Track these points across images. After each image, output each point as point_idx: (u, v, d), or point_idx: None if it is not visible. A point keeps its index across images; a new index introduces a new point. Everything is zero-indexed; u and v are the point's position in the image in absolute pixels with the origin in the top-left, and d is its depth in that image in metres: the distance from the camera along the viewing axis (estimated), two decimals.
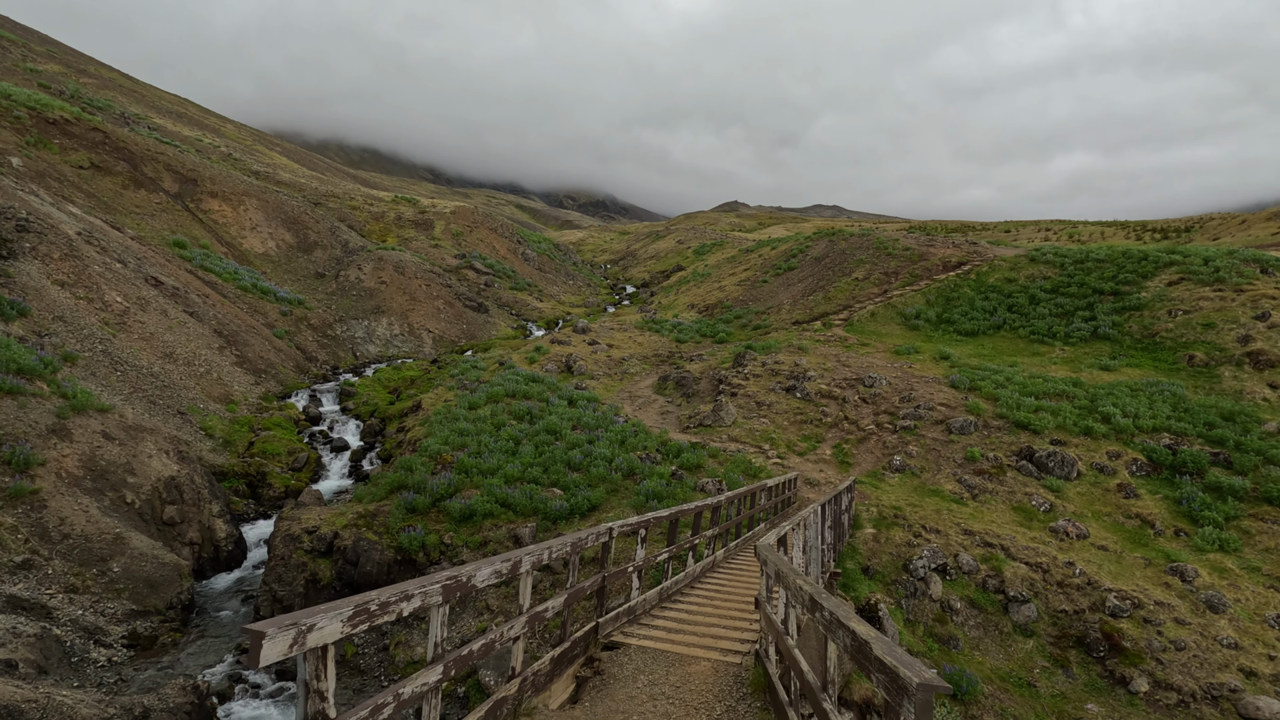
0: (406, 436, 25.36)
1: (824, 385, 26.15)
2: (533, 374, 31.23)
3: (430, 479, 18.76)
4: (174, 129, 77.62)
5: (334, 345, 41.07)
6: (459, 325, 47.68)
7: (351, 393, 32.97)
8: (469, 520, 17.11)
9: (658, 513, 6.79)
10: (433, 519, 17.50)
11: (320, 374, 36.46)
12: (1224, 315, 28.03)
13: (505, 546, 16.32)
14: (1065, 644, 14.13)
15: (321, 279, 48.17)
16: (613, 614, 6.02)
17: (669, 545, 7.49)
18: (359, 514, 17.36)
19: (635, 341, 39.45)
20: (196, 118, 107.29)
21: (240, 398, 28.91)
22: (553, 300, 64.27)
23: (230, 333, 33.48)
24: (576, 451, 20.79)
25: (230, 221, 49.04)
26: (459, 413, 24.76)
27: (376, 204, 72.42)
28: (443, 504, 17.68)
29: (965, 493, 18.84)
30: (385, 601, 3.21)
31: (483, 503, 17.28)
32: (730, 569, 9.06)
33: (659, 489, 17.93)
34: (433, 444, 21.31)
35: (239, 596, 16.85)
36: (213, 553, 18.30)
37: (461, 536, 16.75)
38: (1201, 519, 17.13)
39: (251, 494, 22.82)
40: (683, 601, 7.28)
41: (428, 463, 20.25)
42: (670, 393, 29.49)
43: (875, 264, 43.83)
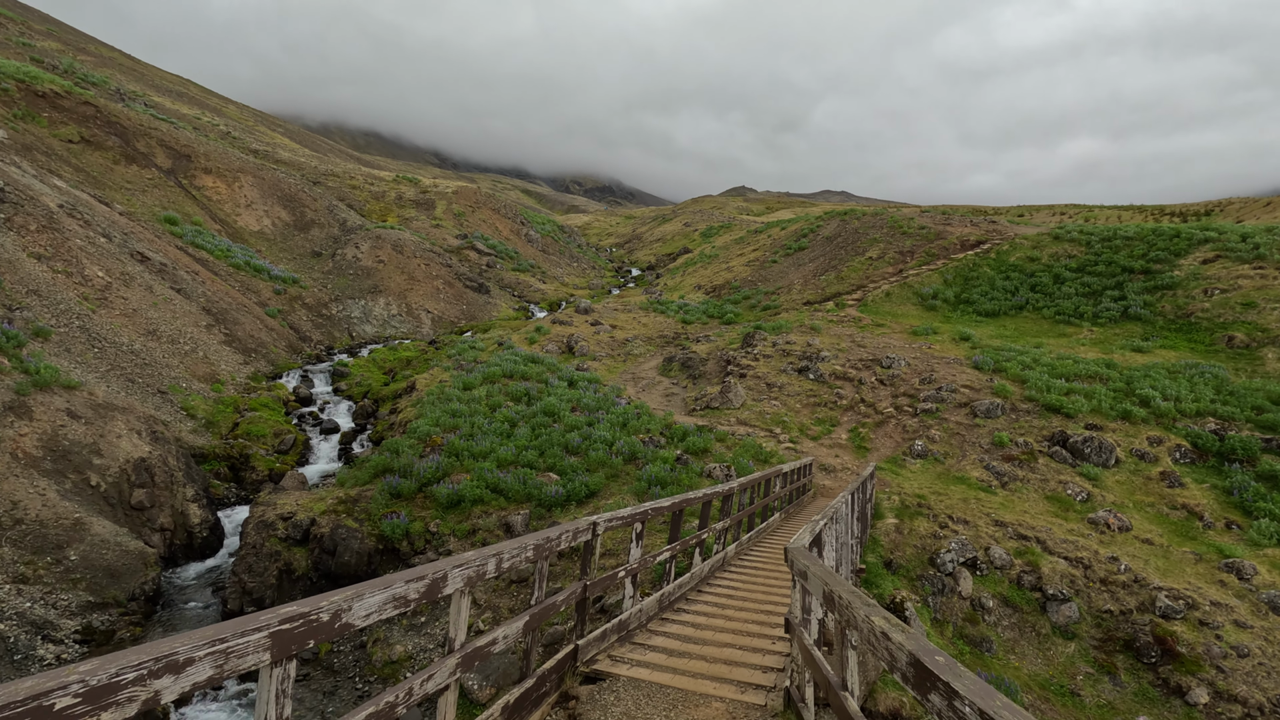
0: (398, 418, 24.12)
1: (838, 366, 24.70)
2: (532, 354, 29.91)
3: (418, 462, 17.49)
4: (172, 107, 76.19)
5: (329, 325, 39.83)
6: (459, 306, 46.36)
7: (345, 373, 31.74)
8: (457, 507, 15.84)
9: (658, 503, 5.47)
10: (419, 505, 16.24)
11: (314, 354, 35.25)
12: (1266, 294, 26.36)
13: (496, 535, 15.06)
14: (1111, 648, 12.77)
15: (318, 258, 46.87)
16: (598, 632, 4.69)
17: (671, 542, 6.18)
18: (340, 499, 16.12)
19: (639, 322, 38.04)
20: (198, 98, 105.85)
21: (227, 377, 27.70)
22: (556, 282, 62.83)
23: (219, 310, 32.25)
24: (575, 434, 19.47)
25: (224, 198, 47.72)
26: (452, 393, 23.47)
27: (377, 183, 70.96)
28: (430, 489, 16.41)
29: (994, 480, 17.44)
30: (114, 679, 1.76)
31: (472, 488, 15.99)
32: (743, 568, 7.78)
33: (662, 475, 16.60)
34: (422, 426, 20.03)
35: (210, 587, 15.66)
36: (186, 539, 17.12)
37: (449, 524, 15.48)
38: (1256, 510, 15.68)
39: (233, 477, 21.63)
40: (688, 611, 5.98)
41: (416, 445, 18.98)
42: (676, 374, 28.11)
43: (889, 243, 42.16)
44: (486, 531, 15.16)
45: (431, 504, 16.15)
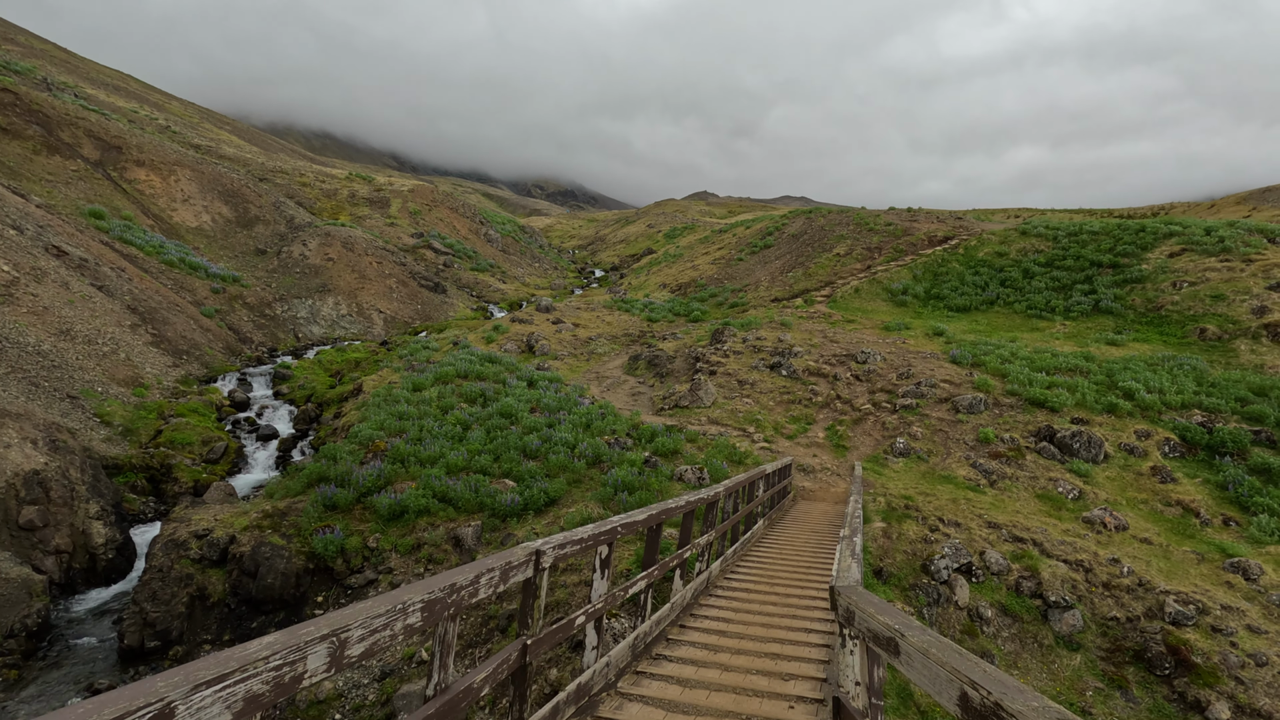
0: (341, 423, 22.19)
1: (812, 362, 23.60)
2: (489, 354, 28.18)
3: (357, 470, 15.70)
4: (107, 100, 72.09)
5: (273, 326, 37.36)
6: (413, 305, 44.22)
7: (287, 376, 29.52)
8: (400, 518, 14.12)
9: (630, 516, 4.08)
10: (356, 517, 14.47)
11: (254, 356, 32.87)
12: (1234, 286, 26.18)
13: (443, 550, 13.40)
14: (1120, 659, 11.74)
15: (262, 256, 44.23)
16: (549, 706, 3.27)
17: (647, 565, 4.75)
18: (265, 513, 14.24)
19: (604, 321, 36.55)
20: (139, 93, 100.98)
21: (152, 381, 25.33)
22: (517, 282, 60.94)
23: (147, 310, 29.72)
24: (534, 437, 17.89)
25: (159, 192, 44.74)
26: (400, 395, 21.65)
27: (329, 181, 68.11)
28: (370, 499, 14.66)
29: (982, 479, 16.42)
30: None
31: (417, 497, 14.30)
32: (733, 590, 6.42)
33: (630, 479, 15.14)
34: (364, 429, 18.21)
35: (111, 617, 13.63)
36: (87, 562, 15.01)
37: (390, 538, 13.76)
38: (1253, 506, 14.94)
39: (153, 490, 19.46)
40: (670, 658, 4.56)
41: (357, 451, 17.16)
42: (642, 373, 26.70)
43: (857, 239, 41.52)
44: (433, 546, 13.49)
45: (371, 516, 14.40)
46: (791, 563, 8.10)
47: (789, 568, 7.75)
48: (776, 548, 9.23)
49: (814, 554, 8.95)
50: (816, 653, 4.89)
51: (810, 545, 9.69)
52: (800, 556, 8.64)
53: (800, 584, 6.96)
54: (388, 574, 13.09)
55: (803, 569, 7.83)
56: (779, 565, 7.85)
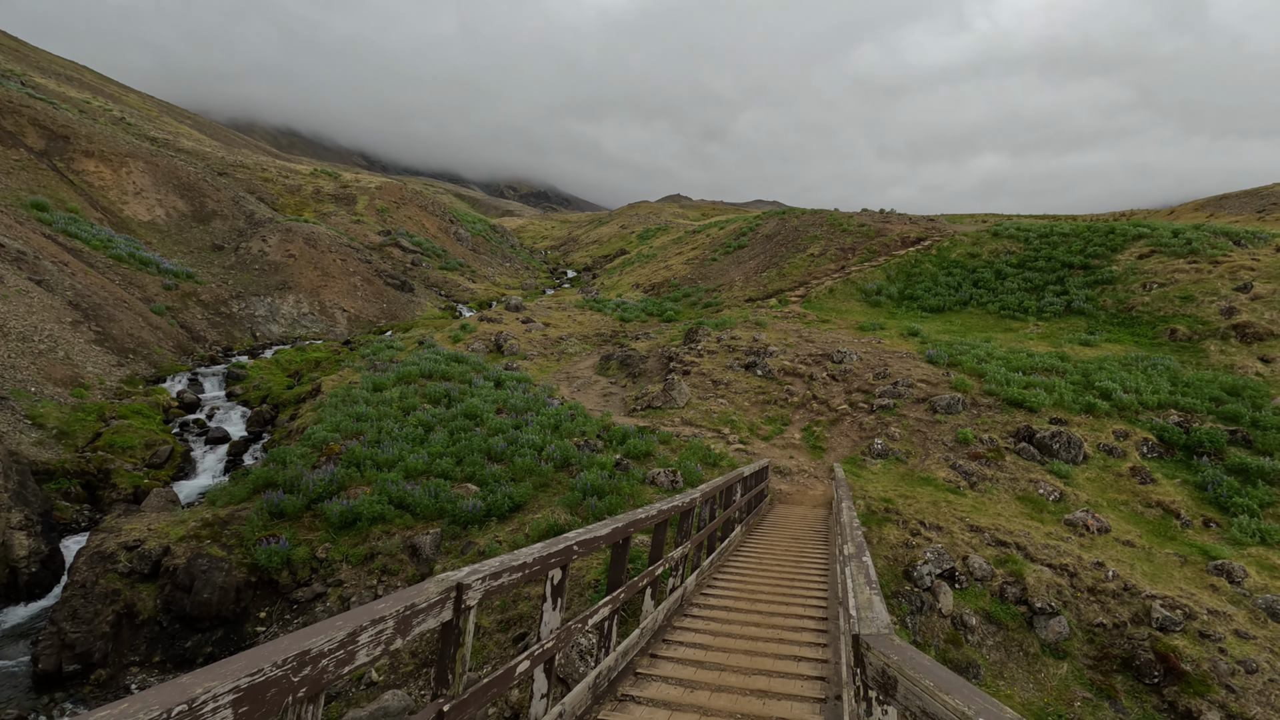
0: (296, 424, 21.06)
1: (787, 362, 23.09)
2: (456, 353, 27.19)
3: (308, 474, 14.70)
4: (58, 89, 69.26)
5: (229, 324, 35.81)
6: (378, 304, 42.89)
7: (241, 376, 28.18)
8: (352, 526, 13.19)
9: (588, 531, 3.39)
10: (306, 526, 13.49)
11: (207, 356, 31.39)
12: (1202, 287, 26.36)
13: (398, 560, 12.50)
14: (1108, 667, 11.31)
15: (219, 251, 42.52)
16: None
17: (612, 588, 4.00)
18: (205, 522, 13.19)
19: (575, 320, 35.73)
20: (94, 84, 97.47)
21: (94, 381, 23.87)
22: (487, 282, 59.76)
23: (91, 306, 28.14)
24: (499, 439, 17.04)
25: (109, 185, 42.79)
26: (360, 395, 20.61)
27: (292, 176, 66.19)
28: (321, 505, 13.68)
29: (962, 480, 16.00)
30: None
31: (371, 503, 13.37)
32: (710, 607, 5.71)
33: (599, 483, 14.39)
34: (319, 432, 17.18)
35: (31, 638, 12.45)
36: (7, 576, 13.77)
37: (341, 548, 12.81)
38: (1232, 507, 14.73)
39: (88, 497, 18.14)
40: (638, 699, 3.81)
41: (309, 454, 16.14)
42: (614, 373, 25.96)
43: (830, 240, 41.31)
44: (387, 556, 12.58)
45: (322, 524, 13.43)
46: (773, 575, 7.45)
47: (771, 581, 7.10)
48: (756, 557, 8.57)
49: (797, 564, 8.31)
50: (810, 688, 4.22)
51: (792, 554, 9.06)
52: (782, 567, 7.99)
53: (784, 599, 6.30)
54: (337, 586, 12.16)
55: (785, 581, 7.18)
56: (760, 578, 7.19)
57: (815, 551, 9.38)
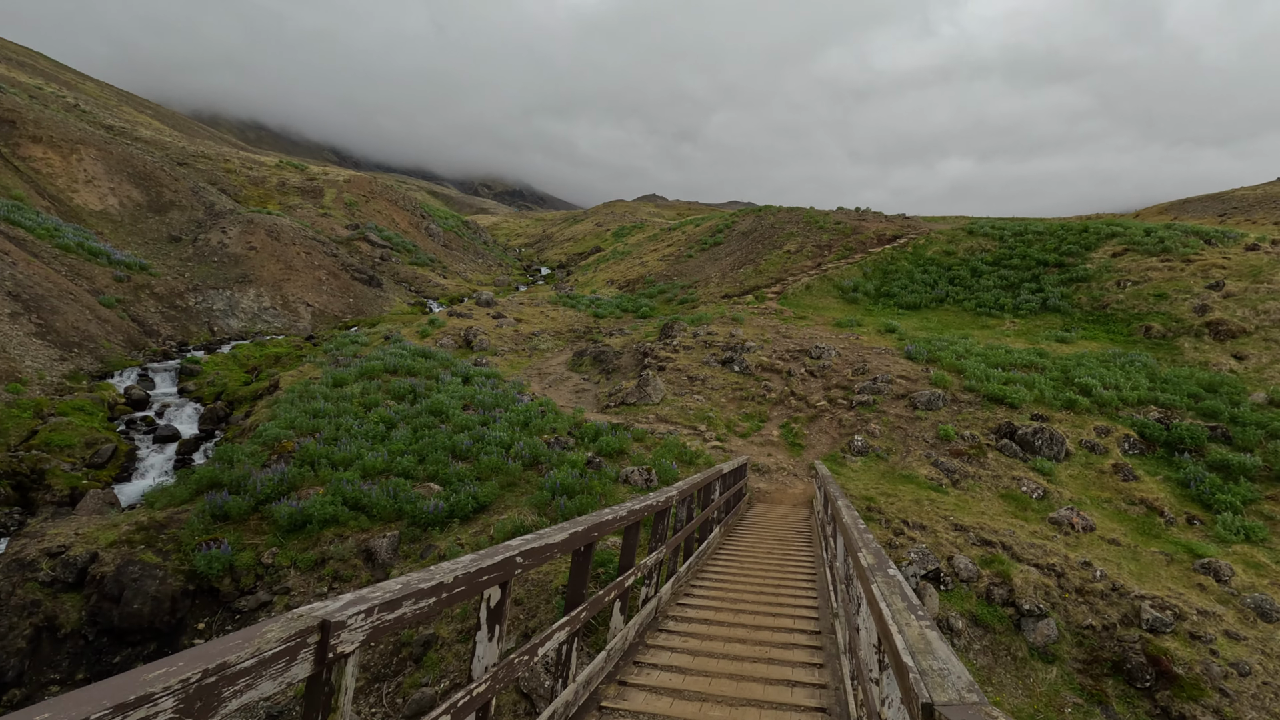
0: (250, 421, 19.97)
1: (765, 358, 22.56)
2: (423, 349, 26.21)
3: (257, 474, 13.73)
4: (8, 74, 66.42)
5: (184, 318, 34.28)
6: (344, 299, 41.56)
7: (195, 371, 26.87)
8: (302, 529, 12.27)
9: (539, 538, 2.72)
10: (252, 529, 12.53)
11: (160, 350, 29.93)
12: (1175, 285, 26.44)
13: (351, 565, 11.62)
14: (1098, 671, 10.88)
15: (176, 243, 40.81)
16: None
17: (572, 606, 3.28)
18: (139, 525, 12.17)
19: (548, 316, 34.89)
20: (49, 71, 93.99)
21: (33, 376, 22.47)
22: (458, 278, 58.52)
23: (33, 297, 26.59)
24: (465, 436, 16.20)
25: (58, 172, 40.84)
26: (319, 390, 19.59)
27: (257, 168, 64.24)
28: (269, 507, 12.73)
29: (944, 478, 15.56)
30: None
31: (324, 504, 12.47)
32: (688, 620, 5.00)
33: (570, 482, 13.65)
34: (271, 428, 16.17)
35: None
36: None
37: (290, 553, 11.89)
38: (1215, 504, 14.48)
39: (20, 500, 16.88)
40: None
41: (260, 452, 15.14)
42: (587, 369, 25.21)
43: (807, 237, 41.01)
44: (340, 561, 11.70)
45: (270, 527, 12.50)
46: (756, 581, 6.79)
47: (754, 588, 6.44)
48: (736, 561, 7.91)
49: (781, 569, 7.67)
50: None
51: (775, 557, 8.42)
52: (765, 572, 7.35)
53: (771, 609, 5.65)
54: (284, 595, 11.24)
55: (770, 588, 6.52)
56: (742, 585, 6.54)
57: (800, 554, 8.76)
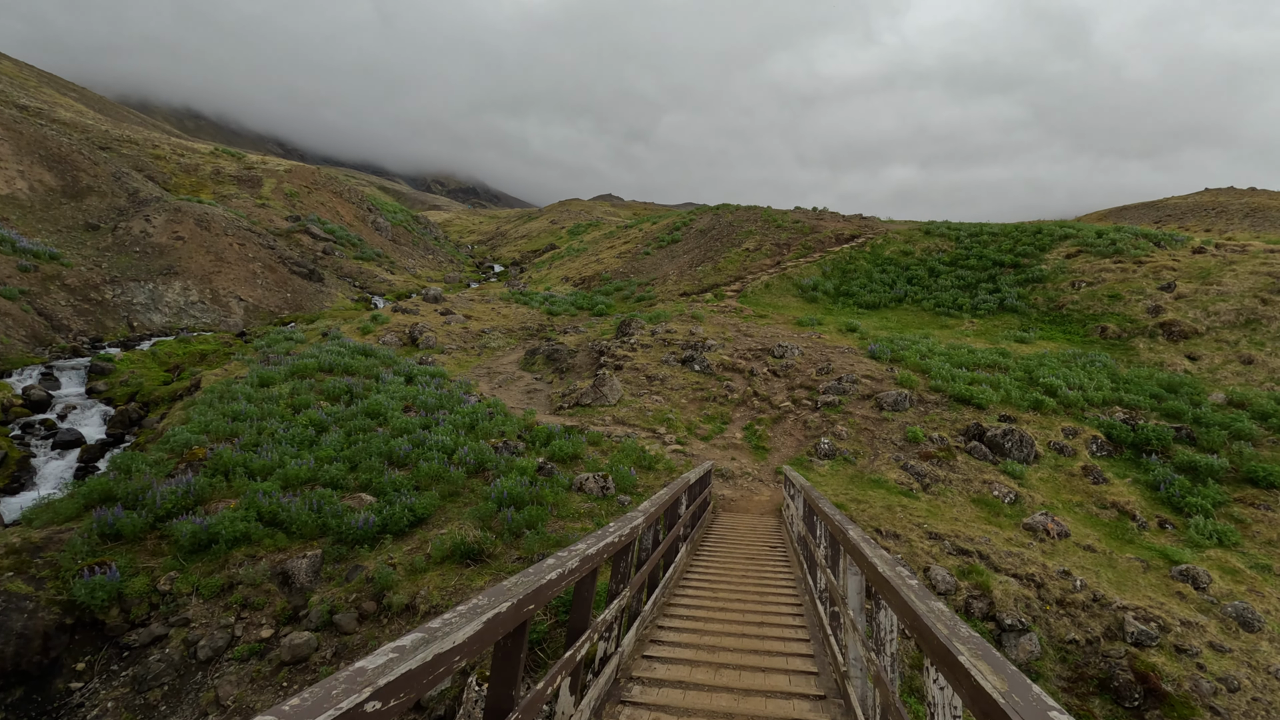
0: (165, 424, 18.05)
1: (726, 356, 21.66)
2: (364, 346, 24.49)
3: (159, 486, 12.07)
4: None
5: (100, 312, 31.58)
6: (282, 294, 39.16)
7: (107, 370, 24.55)
8: (207, 549, 10.72)
9: (424, 646, 1.46)
10: (149, 550, 10.92)
11: (69, 347, 27.36)
12: (1128, 286, 26.64)
13: (263, 591, 10.16)
14: (1084, 689, 10.22)
15: (94, 231, 37.77)
16: None
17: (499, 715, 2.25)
18: (10, 548, 10.44)
19: (499, 314, 33.38)
20: None
21: None
22: (407, 274, 56.26)
23: None
24: (404, 440, 14.77)
25: None
26: (241, 391, 17.82)
27: (189, 155, 60.65)
28: (169, 524, 11.13)
29: (914, 482, 14.87)
30: None
31: (234, 520, 10.94)
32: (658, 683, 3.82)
33: (518, 491, 12.41)
34: (182, 433, 14.44)
35: None
36: None
37: (191, 577, 10.34)
38: (1186, 507, 14.14)
39: None
40: None
41: (166, 460, 13.44)
42: (540, 368, 23.91)
43: (765, 235, 40.48)
44: (250, 586, 10.21)
45: (170, 547, 10.91)
46: (734, 617, 5.72)
47: (734, 627, 5.36)
48: (709, 588, 6.83)
49: (760, 597, 6.61)
50: None
51: (751, 581, 7.38)
52: (743, 603, 6.28)
53: (757, 657, 4.55)
54: (182, 627, 9.71)
55: (754, 627, 5.43)
56: (718, 623, 5.45)
57: (778, 577, 7.75)
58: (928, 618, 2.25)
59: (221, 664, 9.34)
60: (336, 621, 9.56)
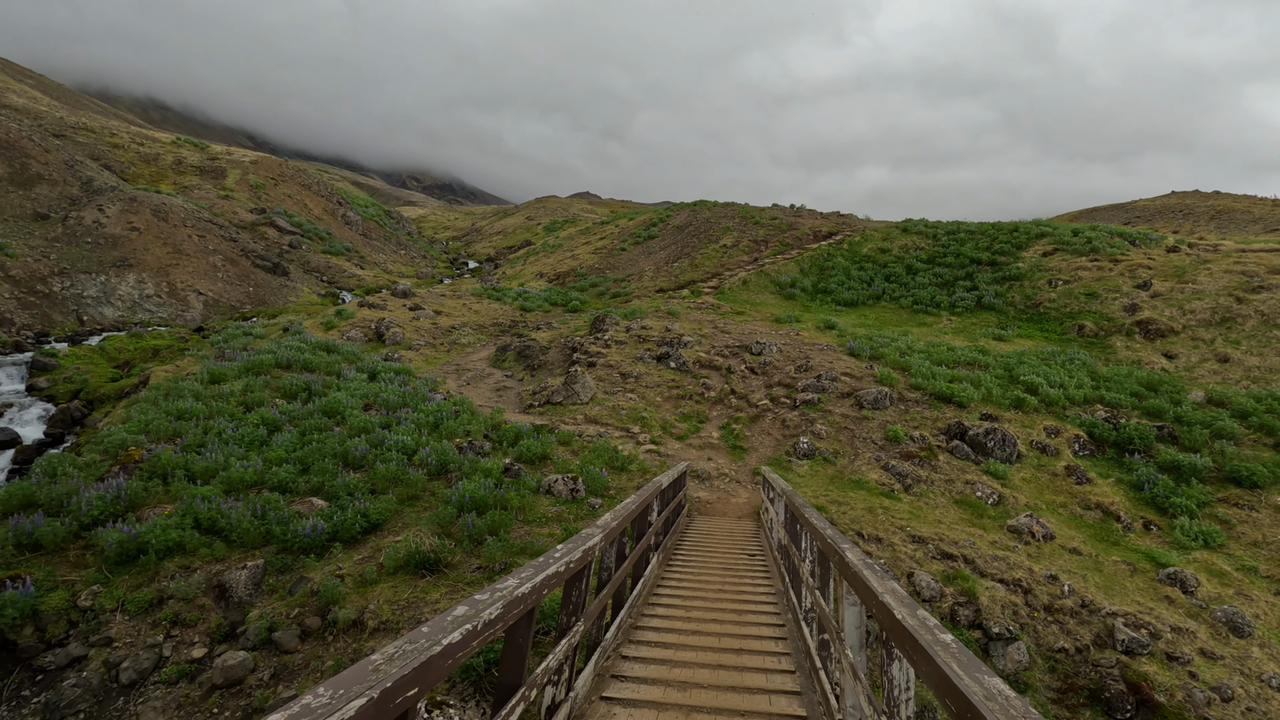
0: (104, 424, 16.95)
1: (703, 353, 21.06)
2: (326, 341, 23.47)
3: (87, 490, 11.10)
4: None
5: (47, 305, 30.06)
6: (244, 288, 37.76)
7: (51, 366, 23.23)
8: (136, 560, 9.82)
9: None
10: (72, 561, 9.98)
11: (11, 341, 25.92)
12: (1105, 285, 26.57)
13: (198, 606, 9.29)
14: (1075, 701, 9.77)
15: (43, 221, 36.04)
16: None
17: None
18: None
19: (470, 309, 32.45)
20: None
21: None
22: (377, 269, 54.87)
23: None
24: (361, 440, 13.92)
25: None
26: (189, 388, 16.79)
27: (149, 144, 58.57)
28: (94, 533, 10.19)
29: (895, 483, 14.39)
30: None
31: (166, 528, 10.04)
32: None
33: (481, 494, 11.66)
34: (119, 433, 13.44)
35: None
36: None
37: (117, 591, 9.44)
38: (1171, 507, 13.84)
39: None
40: None
41: (99, 462, 12.46)
42: (510, 365, 23.10)
43: (743, 232, 40.00)
44: (183, 600, 9.34)
45: (95, 558, 9.97)
46: (709, 641, 5.03)
47: (708, 655, 4.66)
48: (681, 606, 6.14)
49: (739, 617, 5.91)
50: None
51: (728, 597, 6.69)
52: (720, 624, 5.59)
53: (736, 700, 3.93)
54: (104, 647, 8.82)
55: (731, 653, 4.73)
56: (690, 650, 4.75)
57: (758, 592, 7.10)
58: (985, 708, 1.60)
59: (146, 688, 8.48)
60: (276, 639, 8.73)
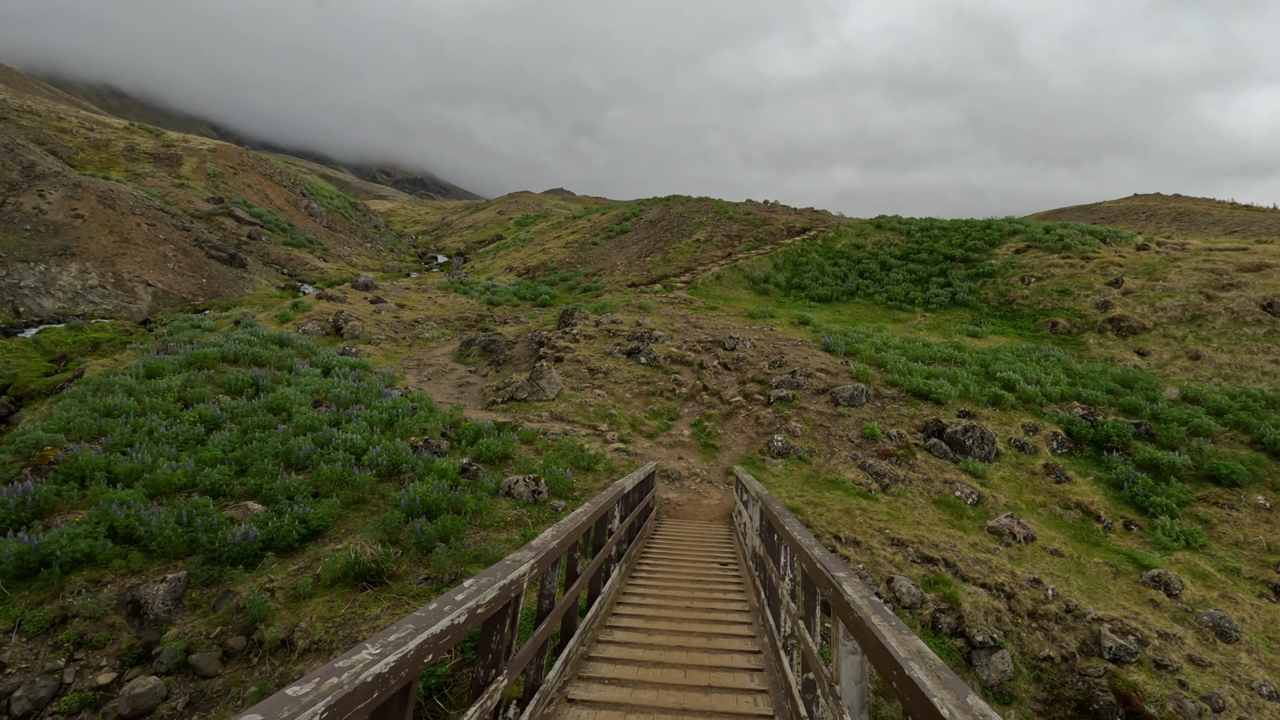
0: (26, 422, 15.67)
1: (675, 348, 20.38)
2: (279, 335, 22.28)
3: None
4: None
5: None
6: (196, 279, 36.12)
7: None
8: (37, 574, 8.78)
9: None
10: None
11: None
12: (1077, 282, 26.51)
13: (107, 625, 8.31)
14: (1062, 713, 9.26)
15: None
16: None
17: None
18: None
19: (435, 303, 31.36)
20: None
21: None
22: (341, 261, 53.24)
23: None
24: (306, 439, 12.94)
25: None
26: (121, 383, 15.60)
27: (100, 129, 56.14)
28: None
29: (873, 483, 13.84)
30: None
31: (74, 537, 9.02)
32: None
33: (434, 497, 10.79)
34: (34, 432, 12.29)
35: None
36: None
37: (13, 609, 8.41)
38: (1151, 506, 13.51)
39: None
40: None
41: (9, 464, 11.32)
42: (475, 360, 22.17)
43: (716, 227, 39.44)
44: (90, 619, 8.35)
45: None
46: (674, 677, 4.27)
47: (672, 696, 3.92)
48: (643, 629, 5.37)
49: (708, 640, 5.17)
50: None
51: (698, 613, 5.94)
52: (687, 651, 4.85)
53: None
54: None
55: (699, 692, 4.04)
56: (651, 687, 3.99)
57: (731, 607, 6.39)
58: None
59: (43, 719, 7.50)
60: (194, 663, 7.81)
